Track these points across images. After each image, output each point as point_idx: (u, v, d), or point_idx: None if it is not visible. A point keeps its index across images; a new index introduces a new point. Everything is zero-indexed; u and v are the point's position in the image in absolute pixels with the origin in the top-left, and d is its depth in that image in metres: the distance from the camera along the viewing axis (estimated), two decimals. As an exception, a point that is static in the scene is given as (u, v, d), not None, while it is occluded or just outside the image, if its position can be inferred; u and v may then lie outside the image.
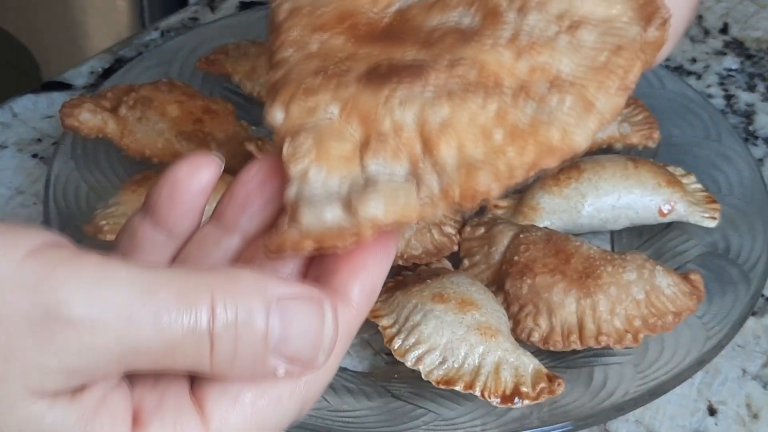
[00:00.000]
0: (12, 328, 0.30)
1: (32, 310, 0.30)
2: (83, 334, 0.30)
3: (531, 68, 0.41)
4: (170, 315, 0.31)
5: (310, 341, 0.33)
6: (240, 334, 0.32)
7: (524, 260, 0.63)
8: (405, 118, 0.40)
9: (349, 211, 0.38)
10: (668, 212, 0.68)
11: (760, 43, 0.89)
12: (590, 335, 0.61)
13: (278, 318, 0.33)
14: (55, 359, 0.31)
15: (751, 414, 0.63)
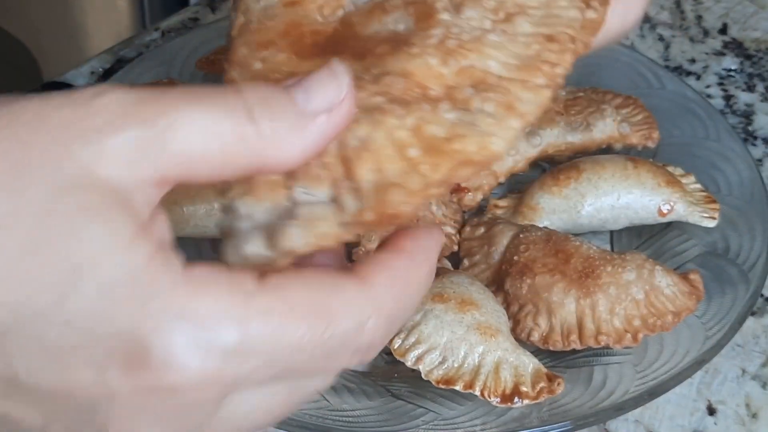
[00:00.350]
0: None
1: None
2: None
3: (458, 71, 0.41)
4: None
5: (330, 83, 0.36)
6: (273, 109, 0.35)
7: (524, 260, 0.63)
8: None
9: (270, 243, 0.37)
10: (668, 212, 0.68)
11: (760, 44, 0.89)
12: (590, 335, 0.61)
13: (297, 87, 0.36)
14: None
15: (750, 414, 0.63)
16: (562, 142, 0.73)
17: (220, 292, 0.33)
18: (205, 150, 0.33)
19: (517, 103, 0.41)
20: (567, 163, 0.71)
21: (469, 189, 0.72)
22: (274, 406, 0.36)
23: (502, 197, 0.73)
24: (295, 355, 0.34)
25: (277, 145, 0.35)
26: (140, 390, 0.32)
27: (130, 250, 0.32)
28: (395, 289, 0.36)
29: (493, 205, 0.72)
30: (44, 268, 0.31)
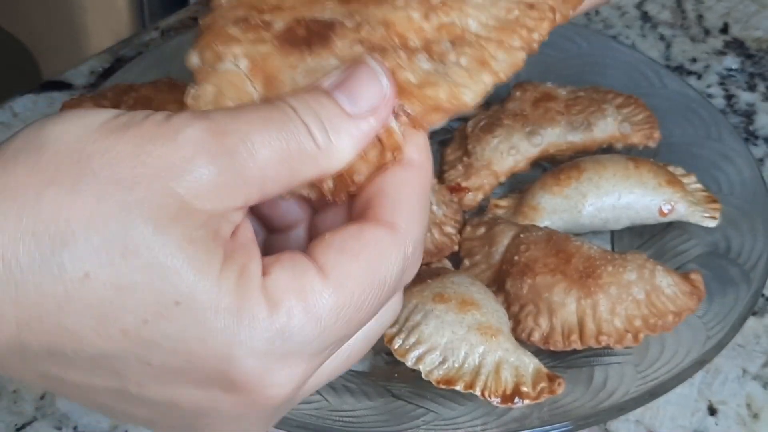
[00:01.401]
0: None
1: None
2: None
3: (438, 27, 0.42)
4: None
5: (371, 83, 0.39)
6: (325, 120, 0.38)
7: (525, 260, 0.63)
8: (301, 82, 0.41)
9: None
10: (669, 212, 0.68)
11: (761, 43, 0.89)
12: (591, 335, 0.61)
13: (341, 91, 0.39)
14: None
15: (751, 414, 0.63)
16: (563, 141, 0.73)
17: (297, 304, 0.36)
18: (277, 169, 0.37)
19: (491, 60, 0.42)
20: (568, 163, 0.71)
21: (470, 189, 0.72)
22: (335, 372, 0.41)
23: (503, 197, 0.73)
24: (362, 323, 0.38)
25: (333, 153, 0.38)
26: (241, 404, 0.37)
27: (220, 283, 0.35)
28: (418, 215, 0.40)
29: (494, 204, 0.72)
30: (150, 302, 0.35)
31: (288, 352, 0.36)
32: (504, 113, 0.74)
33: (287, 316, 0.36)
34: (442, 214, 0.69)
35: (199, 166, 0.35)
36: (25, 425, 0.61)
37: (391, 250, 0.39)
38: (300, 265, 0.37)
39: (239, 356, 0.35)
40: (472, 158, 0.73)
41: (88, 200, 0.34)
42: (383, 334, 0.59)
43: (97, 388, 0.37)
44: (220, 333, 0.35)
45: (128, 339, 0.35)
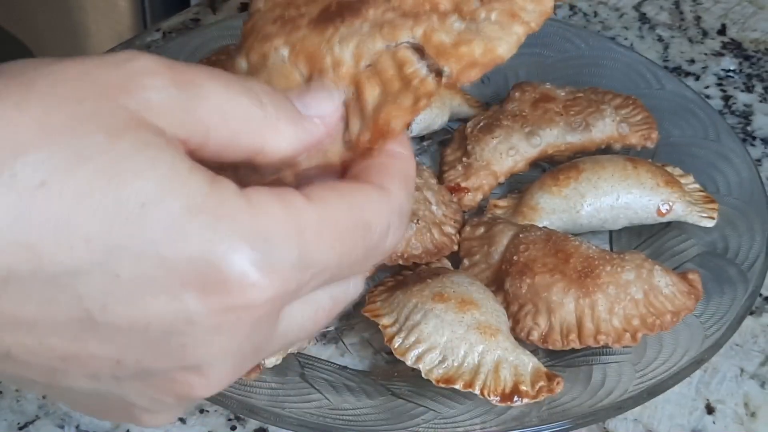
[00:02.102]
0: None
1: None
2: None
3: None
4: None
5: (324, 96, 0.41)
6: (277, 102, 0.38)
7: (524, 260, 0.64)
8: (344, 54, 0.41)
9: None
10: (667, 212, 0.69)
11: (758, 44, 0.89)
12: (589, 334, 0.61)
13: (295, 97, 0.40)
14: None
15: (749, 413, 0.63)
16: (561, 142, 0.73)
17: (277, 212, 0.35)
18: (220, 123, 0.36)
19: (521, 12, 0.43)
20: (567, 164, 0.71)
21: (469, 189, 0.72)
22: (321, 313, 0.39)
23: (502, 197, 0.73)
24: (343, 261, 0.37)
25: (276, 132, 0.38)
26: (217, 310, 0.34)
27: (191, 180, 0.34)
28: (406, 189, 0.40)
29: (493, 205, 0.72)
30: (113, 206, 0.33)
31: (269, 258, 0.35)
32: (503, 114, 0.74)
33: (269, 221, 0.35)
34: (442, 214, 0.69)
35: (149, 88, 0.35)
36: (28, 424, 0.61)
37: (379, 204, 0.39)
38: (283, 188, 0.37)
39: (218, 253, 0.34)
40: (472, 159, 0.73)
41: (36, 114, 0.33)
42: (383, 334, 0.60)
43: (52, 322, 0.34)
44: (195, 231, 0.33)
45: (91, 248, 0.33)
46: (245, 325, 0.35)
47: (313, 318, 0.39)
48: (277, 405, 0.57)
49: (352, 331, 0.65)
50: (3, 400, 0.62)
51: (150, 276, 0.33)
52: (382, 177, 0.40)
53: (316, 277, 0.37)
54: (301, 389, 0.60)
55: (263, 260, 0.34)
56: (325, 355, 0.64)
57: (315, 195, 0.37)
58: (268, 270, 0.34)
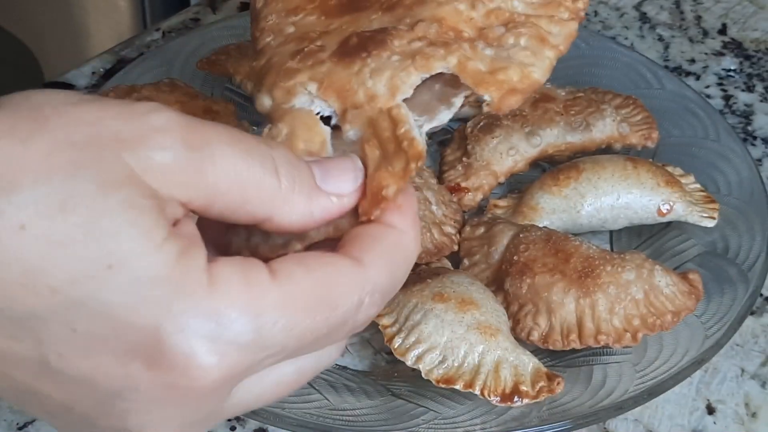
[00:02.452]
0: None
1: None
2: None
3: (486, 13, 0.43)
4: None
5: (347, 174, 0.39)
6: (294, 174, 0.38)
7: (524, 260, 0.64)
8: (377, 88, 0.41)
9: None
10: (667, 212, 0.69)
11: (759, 44, 0.89)
12: (589, 334, 0.61)
13: (318, 166, 0.39)
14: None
15: (749, 413, 0.63)
16: (561, 142, 0.73)
17: (237, 292, 0.35)
18: (231, 187, 0.36)
19: (548, 36, 0.43)
20: (567, 163, 0.71)
21: (469, 189, 0.72)
22: (283, 386, 0.39)
23: (502, 197, 0.73)
24: (303, 340, 0.37)
25: (288, 205, 0.37)
26: (161, 384, 0.35)
27: (162, 250, 0.34)
28: (388, 266, 0.39)
29: (493, 205, 0.72)
30: (81, 262, 0.33)
31: (220, 339, 0.35)
32: (503, 114, 0.74)
33: (226, 301, 0.35)
34: (442, 214, 0.69)
35: (156, 147, 0.35)
36: (27, 424, 0.61)
37: (350, 280, 0.38)
38: (251, 263, 0.37)
39: (168, 330, 0.34)
40: (472, 158, 0.73)
41: (39, 154, 0.34)
42: (383, 334, 0.60)
43: (15, 357, 0.35)
44: (151, 303, 0.34)
45: (55, 298, 0.34)
46: (191, 400, 0.36)
47: (273, 390, 0.39)
48: (277, 405, 0.57)
49: (352, 332, 0.65)
50: (2, 400, 0.62)
51: (102, 336, 0.34)
52: (363, 250, 0.39)
53: (274, 356, 0.37)
54: (301, 389, 0.60)
55: (213, 341, 0.35)
56: (325, 355, 0.64)
57: (282, 270, 0.37)
58: (217, 351, 0.35)
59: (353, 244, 0.39)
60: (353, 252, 0.39)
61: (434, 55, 0.41)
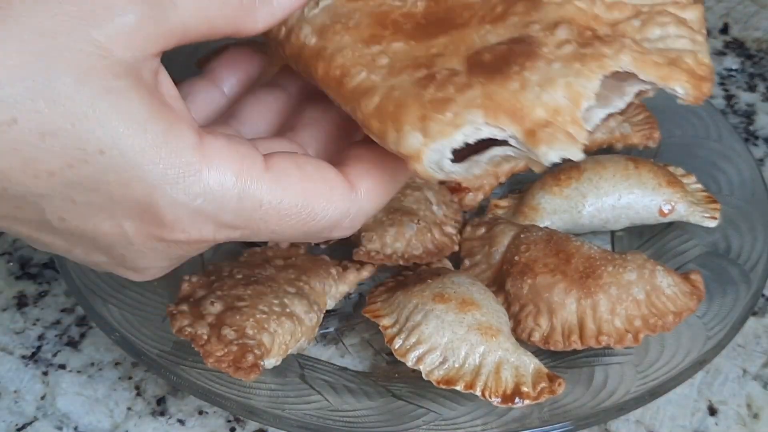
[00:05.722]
0: None
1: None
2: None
3: (608, 8, 0.42)
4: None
5: None
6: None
7: (525, 260, 0.63)
8: (556, 99, 0.39)
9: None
10: (669, 212, 0.68)
11: (761, 43, 0.89)
12: (591, 335, 0.61)
13: None
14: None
15: (751, 414, 0.63)
16: (563, 142, 0.73)
17: (227, 173, 0.40)
18: (196, 20, 0.40)
19: (688, 22, 0.43)
20: (568, 163, 0.71)
21: (470, 189, 0.72)
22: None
23: (503, 197, 0.73)
24: (275, 233, 0.42)
25: (250, 13, 0.42)
26: (151, 238, 0.41)
27: (149, 127, 0.38)
28: (379, 197, 0.43)
29: (494, 205, 0.72)
30: (74, 150, 0.37)
31: (204, 212, 0.39)
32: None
33: (217, 179, 0.39)
34: (443, 214, 0.69)
35: (119, 13, 0.38)
36: (26, 425, 0.61)
37: (338, 201, 0.42)
38: (247, 148, 0.41)
39: (161, 203, 0.39)
40: (473, 158, 0.73)
41: (12, 50, 0.36)
42: (384, 335, 0.60)
43: (19, 219, 0.40)
44: (144, 179, 0.38)
45: (54, 180, 0.38)
46: (174, 249, 0.42)
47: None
48: (277, 406, 0.57)
49: (353, 332, 0.65)
50: (1, 401, 0.62)
51: (100, 204, 0.39)
52: (361, 176, 0.43)
53: (245, 236, 0.42)
54: (301, 390, 0.60)
55: (197, 213, 0.40)
56: (325, 356, 0.64)
57: (277, 166, 0.41)
58: (200, 222, 0.40)
59: (355, 165, 0.43)
60: (351, 174, 0.43)
61: (605, 54, 0.40)
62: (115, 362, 0.64)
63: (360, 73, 0.43)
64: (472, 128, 0.40)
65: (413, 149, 0.41)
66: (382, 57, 0.43)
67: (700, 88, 0.41)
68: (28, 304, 0.67)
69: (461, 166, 0.42)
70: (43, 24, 0.36)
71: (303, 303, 0.60)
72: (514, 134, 0.40)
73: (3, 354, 0.64)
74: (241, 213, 0.40)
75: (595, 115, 0.42)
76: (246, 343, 0.56)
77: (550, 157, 0.40)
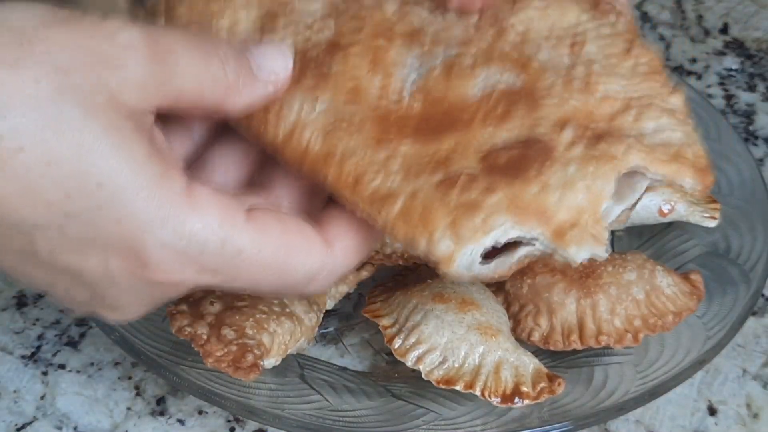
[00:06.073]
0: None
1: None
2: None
3: (599, 102, 0.45)
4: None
5: (278, 55, 0.46)
6: (238, 68, 0.44)
7: (524, 260, 0.63)
8: (578, 201, 0.42)
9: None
10: (668, 212, 0.68)
11: (761, 43, 0.89)
12: (590, 335, 0.61)
13: (253, 57, 0.46)
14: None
15: (751, 414, 0.63)
16: (562, 141, 0.73)
17: (212, 222, 0.41)
18: (192, 88, 0.42)
19: (673, 108, 0.46)
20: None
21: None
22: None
23: (503, 197, 0.72)
24: (250, 283, 0.44)
25: (235, 93, 0.44)
26: (134, 277, 0.42)
27: (145, 170, 0.40)
28: (352, 254, 0.45)
29: (494, 205, 0.72)
30: (75, 181, 0.39)
31: (187, 254, 0.41)
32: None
33: (202, 227, 0.41)
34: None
35: (131, 65, 0.40)
36: (26, 425, 0.61)
37: (314, 258, 0.44)
38: (230, 200, 0.42)
39: (147, 243, 0.40)
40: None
41: (27, 81, 0.38)
42: (384, 335, 0.60)
43: (7, 249, 0.41)
44: (136, 217, 0.40)
45: (51, 210, 0.39)
46: (155, 290, 0.43)
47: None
48: (277, 406, 0.57)
49: (352, 332, 0.65)
50: (1, 401, 0.62)
51: (91, 239, 0.40)
52: (337, 236, 0.45)
53: (222, 282, 0.43)
54: (301, 390, 0.60)
55: (183, 257, 0.41)
56: (324, 356, 0.64)
57: (259, 218, 0.43)
58: (182, 264, 0.41)
59: (331, 225, 0.45)
60: (329, 234, 0.44)
61: (615, 156, 0.42)
62: (115, 362, 0.64)
63: (376, 179, 0.44)
64: (502, 231, 0.43)
65: (445, 254, 0.43)
66: (394, 161, 0.45)
67: (704, 180, 0.44)
68: (28, 304, 0.67)
69: (488, 267, 0.44)
70: (59, 62, 0.39)
71: (302, 303, 0.60)
72: (542, 235, 0.43)
73: (3, 354, 0.65)
74: (221, 258, 0.42)
75: (613, 212, 0.46)
76: (246, 343, 0.56)
77: (580, 257, 0.43)
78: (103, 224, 0.40)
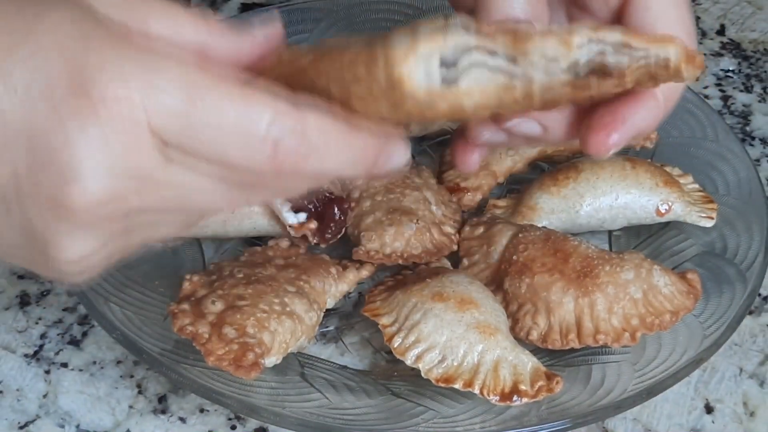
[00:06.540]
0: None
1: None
2: None
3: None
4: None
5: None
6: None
7: (523, 259, 0.64)
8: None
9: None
10: (666, 212, 0.69)
11: (757, 45, 0.89)
12: (588, 334, 0.61)
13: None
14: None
15: (747, 412, 0.63)
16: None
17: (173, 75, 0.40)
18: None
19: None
20: (566, 164, 0.71)
21: (469, 189, 0.72)
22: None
23: (501, 197, 0.73)
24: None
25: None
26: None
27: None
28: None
29: (492, 205, 0.72)
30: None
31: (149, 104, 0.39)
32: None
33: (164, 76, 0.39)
34: (441, 213, 0.69)
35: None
36: (28, 423, 0.61)
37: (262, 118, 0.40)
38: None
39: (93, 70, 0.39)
40: (471, 159, 0.73)
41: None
42: (383, 333, 0.60)
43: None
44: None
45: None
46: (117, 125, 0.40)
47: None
48: (277, 404, 0.57)
49: (352, 331, 0.65)
50: (4, 399, 0.62)
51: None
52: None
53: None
54: (301, 388, 0.60)
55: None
56: (325, 354, 0.64)
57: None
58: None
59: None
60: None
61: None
62: (117, 361, 0.64)
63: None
64: (460, 37, 0.40)
65: (399, 57, 0.39)
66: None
67: (693, 61, 0.41)
68: (31, 303, 0.68)
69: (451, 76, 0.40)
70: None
71: (303, 302, 0.60)
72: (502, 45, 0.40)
73: (5, 353, 0.65)
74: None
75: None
76: (247, 341, 0.56)
77: None
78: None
